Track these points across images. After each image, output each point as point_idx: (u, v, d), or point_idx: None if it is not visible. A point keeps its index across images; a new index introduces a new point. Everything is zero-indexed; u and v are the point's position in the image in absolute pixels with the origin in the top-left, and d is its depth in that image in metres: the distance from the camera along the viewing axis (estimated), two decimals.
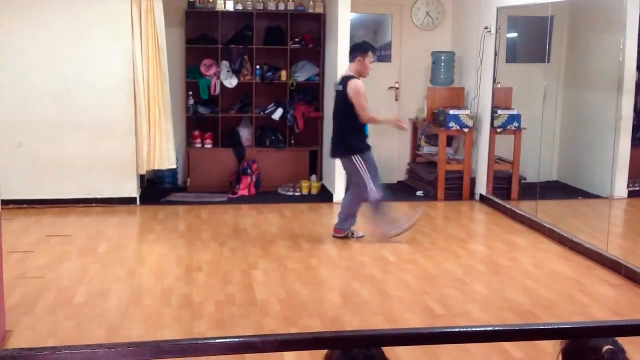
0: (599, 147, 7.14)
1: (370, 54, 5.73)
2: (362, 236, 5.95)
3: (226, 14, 7.67)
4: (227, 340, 1.68)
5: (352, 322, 4.15)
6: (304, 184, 7.71)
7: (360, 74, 5.75)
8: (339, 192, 7.34)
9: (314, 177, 7.95)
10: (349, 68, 5.85)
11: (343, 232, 5.94)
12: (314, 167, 8.04)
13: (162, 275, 5.00)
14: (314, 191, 7.72)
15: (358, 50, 5.78)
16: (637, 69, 6.89)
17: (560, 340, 2.11)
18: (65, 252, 5.49)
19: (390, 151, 8.32)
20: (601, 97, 7.21)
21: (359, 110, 5.67)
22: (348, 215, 5.92)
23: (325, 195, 7.57)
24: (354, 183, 5.87)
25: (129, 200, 7.01)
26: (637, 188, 7.19)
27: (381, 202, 5.79)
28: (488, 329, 1.84)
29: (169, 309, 4.34)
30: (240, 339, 1.69)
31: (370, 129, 7.91)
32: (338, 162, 7.31)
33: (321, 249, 5.82)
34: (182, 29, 7.69)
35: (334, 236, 5.96)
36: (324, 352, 1.95)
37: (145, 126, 6.89)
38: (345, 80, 5.74)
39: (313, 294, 4.69)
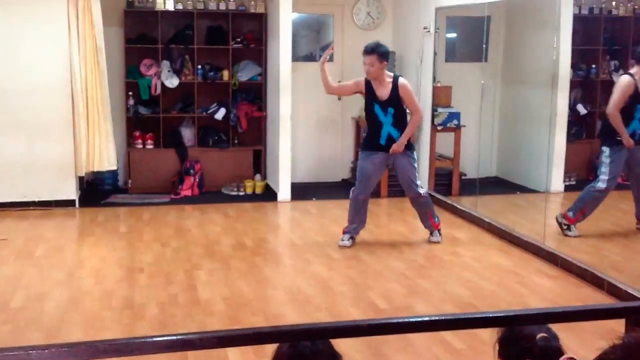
0: (535, 143, 7.34)
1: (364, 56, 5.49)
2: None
3: (166, 13, 7.59)
4: (165, 338, 1.66)
5: (297, 319, 4.16)
6: (248, 184, 7.69)
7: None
8: (283, 191, 7.35)
9: (258, 176, 7.93)
10: None
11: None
12: (258, 166, 8.03)
13: (102, 277, 4.91)
14: (258, 190, 7.70)
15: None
16: (571, 66, 7.11)
17: (496, 330, 2.17)
18: (1, 256, 5.34)
19: (334, 150, 8.38)
20: (537, 94, 7.41)
21: None
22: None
23: (269, 195, 7.56)
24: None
25: (68, 203, 6.85)
26: (573, 182, 7.41)
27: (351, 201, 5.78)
28: (425, 319, 1.88)
29: (109, 311, 4.27)
30: (178, 337, 1.68)
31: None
32: (282, 161, 7.33)
33: (265, 247, 5.81)
34: (122, 28, 7.56)
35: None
36: (269, 348, 1.96)
37: (84, 127, 6.75)
38: None
39: (257, 292, 4.69)
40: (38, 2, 6.56)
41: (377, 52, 5.41)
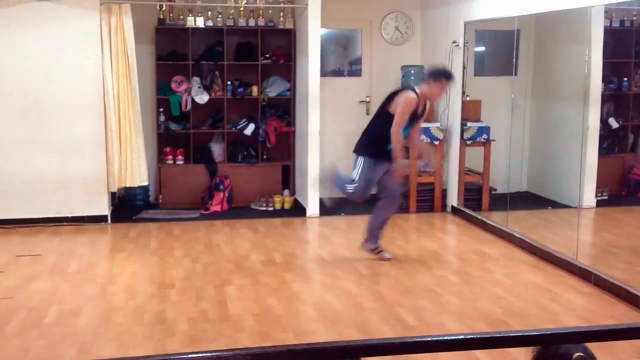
0: (567, 158, 7.25)
1: (443, 80, 5.41)
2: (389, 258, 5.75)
3: (196, 30, 7.68)
4: (200, 355, 1.67)
5: (326, 336, 4.15)
6: (277, 199, 7.71)
7: (426, 97, 5.49)
8: (312, 206, 7.35)
9: (286, 191, 7.95)
10: (422, 84, 5.55)
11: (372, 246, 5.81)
12: (287, 181, 8.05)
13: (134, 293, 4.95)
14: (287, 206, 7.72)
15: (435, 74, 5.48)
16: (602, 80, 7.03)
17: (532, 348, 2.14)
18: (35, 272, 5.41)
19: None
20: (568, 108, 7.33)
21: (395, 119, 5.37)
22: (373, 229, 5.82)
23: (298, 210, 7.57)
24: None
25: (100, 219, 6.94)
26: (605, 197, 7.30)
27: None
28: (459, 337, 1.86)
29: (141, 327, 4.30)
30: (213, 354, 1.68)
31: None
32: (311, 176, 7.35)
33: (295, 263, 5.81)
34: (153, 45, 7.67)
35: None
36: None
37: (116, 143, 6.84)
38: (404, 88, 5.60)
39: (287, 308, 4.68)
40: (72, 20, 6.68)
41: None
